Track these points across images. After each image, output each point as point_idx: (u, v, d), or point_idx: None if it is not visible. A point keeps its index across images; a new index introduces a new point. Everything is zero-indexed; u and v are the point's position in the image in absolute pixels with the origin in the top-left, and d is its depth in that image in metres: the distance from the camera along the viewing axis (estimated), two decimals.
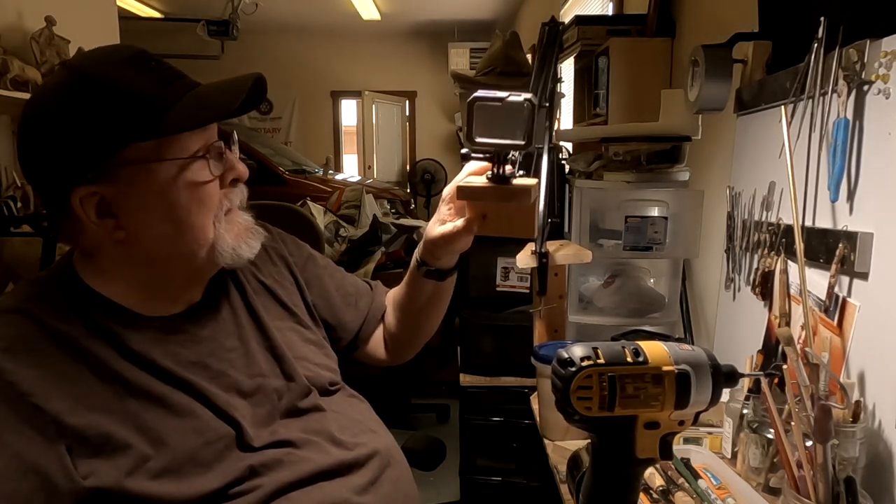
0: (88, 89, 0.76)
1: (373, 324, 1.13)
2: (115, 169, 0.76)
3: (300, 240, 1.11)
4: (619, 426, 0.64)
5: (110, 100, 0.75)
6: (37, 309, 0.77)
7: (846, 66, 0.97)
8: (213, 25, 5.49)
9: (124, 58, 0.78)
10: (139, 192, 0.78)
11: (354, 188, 4.08)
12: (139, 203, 0.78)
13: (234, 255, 0.85)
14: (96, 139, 0.75)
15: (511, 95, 0.80)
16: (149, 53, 0.81)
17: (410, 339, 1.14)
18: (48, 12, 2.56)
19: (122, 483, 0.72)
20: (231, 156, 0.86)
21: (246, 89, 0.78)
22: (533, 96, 0.79)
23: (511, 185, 0.83)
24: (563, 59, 2.42)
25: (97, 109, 0.75)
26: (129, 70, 0.77)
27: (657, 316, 1.77)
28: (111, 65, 0.77)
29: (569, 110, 2.95)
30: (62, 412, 0.71)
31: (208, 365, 0.84)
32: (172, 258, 0.83)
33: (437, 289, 1.05)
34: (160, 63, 0.81)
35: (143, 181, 0.78)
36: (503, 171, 0.83)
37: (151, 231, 0.80)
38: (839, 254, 0.99)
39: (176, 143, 0.78)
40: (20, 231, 2.16)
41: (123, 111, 0.75)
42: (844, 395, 0.88)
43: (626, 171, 1.75)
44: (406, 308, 1.10)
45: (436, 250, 0.99)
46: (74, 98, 0.76)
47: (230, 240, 0.85)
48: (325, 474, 0.84)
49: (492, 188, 0.84)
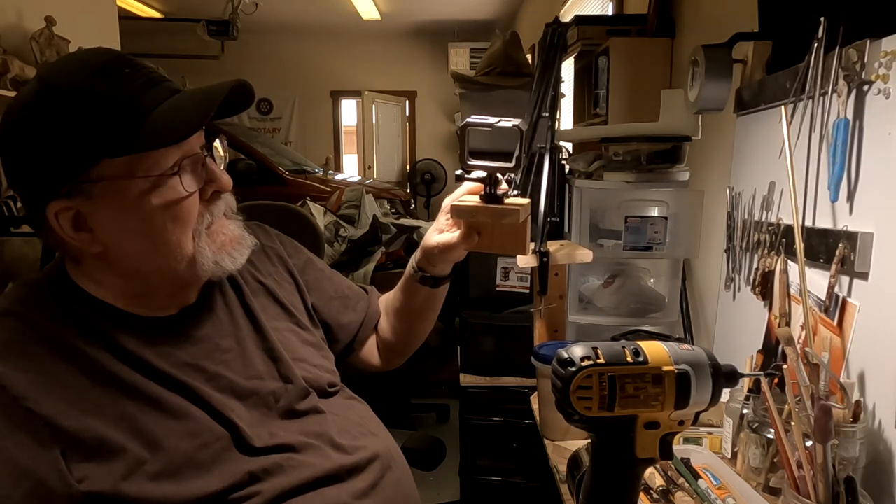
0: (56, 104, 0.73)
1: (369, 328, 1.13)
2: (88, 185, 0.74)
3: (300, 240, 1.11)
4: (619, 426, 0.64)
5: (78, 116, 0.72)
6: (29, 311, 0.77)
7: (846, 66, 0.97)
8: (213, 25, 5.49)
9: (95, 68, 0.74)
10: (113, 208, 0.76)
11: (354, 188, 4.07)
12: (113, 219, 0.77)
13: (217, 268, 0.83)
14: (66, 155, 0.73)
15: (501, 121, 0.85)
16: (124, 58, 0.77)
17: (403, 344, 1.14)
18: (48, 12, 2.56)
19: (118, 487, 0.71)
20: (213, 166, 0.82)
21: (221, 98, 0.75)
22: (522, 121, 0.85)
23: (502, 205, 0.88)
24: (563, 59, 2.42)
25: (65, 125, 0.72)
26: (100, 82, 0.73)
27: (657, 316, 1.77)
28: (81, 76, 0.74)
29: (569, 110, 2.95)
30: (56, 415, 0.71)
31: (204, 366, 0.83)
32: (152, 272, 0.81)
33: (430, 295, 1.07)
34: (136, 69, 0.76)
35: (115, 197, 0.75)
36: (495, 191, 0.88)
37: (127, 247, 0.79)
38: (839, 254, 0.99)
39: (148, 159, 0.75)
40: (20, 231, 2.17)
41: (91, 127, 0.72)
42: (844, 395, 0.88)
43: (626, 171, 1.75)
44: (400, 313, 1.11)
45: (432, 258, 1.01)
46: (43, 113, 0.73)
47: (211, 254, 0.82)
48: (325, 479, 0.83)
49: (483, 207, 0.88)
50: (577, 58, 2.57)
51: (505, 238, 0.91)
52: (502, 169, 0.88)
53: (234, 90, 0.77)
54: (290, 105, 7.91)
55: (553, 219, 1.39)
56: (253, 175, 5.28)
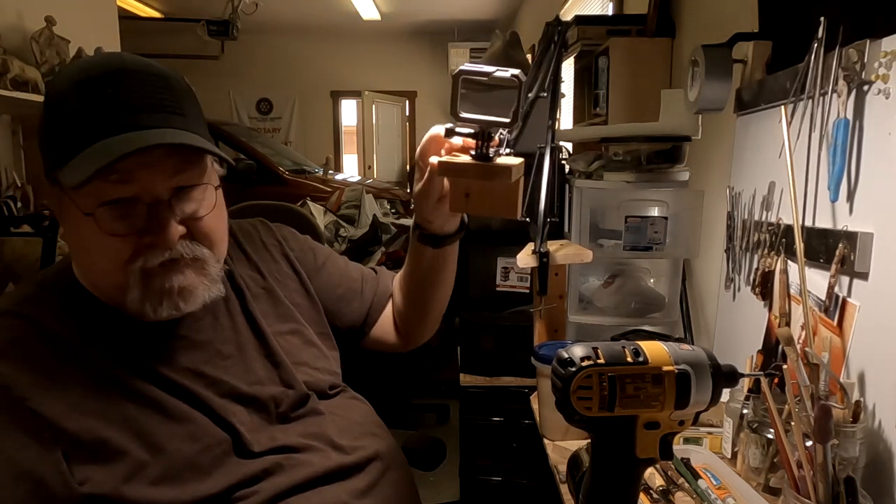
0: (47, 100, 0.79)
1: (379, 309, 1.10)
2: (57, 184, 0.77)
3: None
4: (619, 426, 0.64)
5: (51, 122, 0.77)
6: (33, 312, 0.77)
7: (846, 66, 0.97)
8: (213, 25, 5.49)
9: (85, 78, 0.75)
10: (65, 212, 0.79)
11: (354, 188, 4.08)
12: (66, 222, 0.80)
13: (149, 310, 0.78)
14: (47, 150, 0.78)
15: (498, 70, 0.77)
16: (121, 74, 0.75)
17: (418, 317, 1.09)
18: (48, 12, 2.56)
19: (119, 490, 0.71)
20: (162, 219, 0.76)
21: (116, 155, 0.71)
22: (521, 72, 0.76)
23: (493, 164, 0.80)
24: (563, 58, 2.42)
25: (46, 126, 0.78)
26: (76, 98, 0.74)
27: (657, 316, 1.77)
28: (68, 84, 0.76)
29: (569, 110, 2.95)
30: (58, 416, 0.71)
31: (204, 372, 0.83)
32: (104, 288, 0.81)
33: (435, 257, 1.00)
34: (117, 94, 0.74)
35: (65, 204, 0.78)
36: (486, 149, 0.80)
37: (78, 255, 0.82)
38: (839, 254, 0.99)
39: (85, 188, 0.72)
40: (20, 231, 2.16)
41: (53, 137, 0.77)
42: (844, 395, 0.88)
43: (626, 171, 1.75)
44: (409, 280, 1.06)
45: (423, 211, 0.93)
46: (44, 105, 0.79)
47: (139, 295, 0.77)
48: (324, 478, 0.83)
49: (473, 165, 0.81)
50: (577, 58, 2.57)
51: (496, 199, 0.83)
52: (498, 124, 0.79)
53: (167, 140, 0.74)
54: (290, 105, 7.92)
55: (553, 219, 1.38)
56: (253, 175, 5.28)
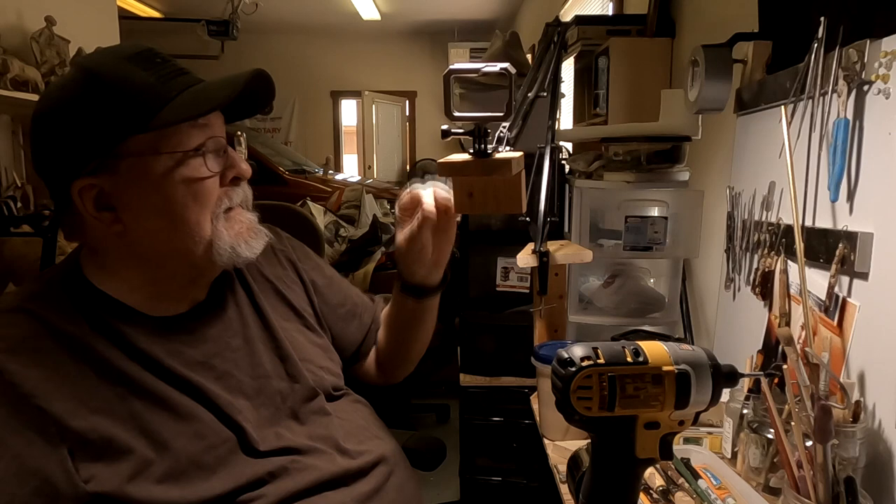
0: (90, 83, 0.77)
1: (373, 337, 1.13)
2: (114, 161, 0.77)
3: (300, 240, 1.12)
4: (619, 426, 0.64)
5: (110, 94, 0.76)
6: (41, 308, 0.77)
7: (846, 66, 0.97)
8: (213, 25, 5.49)
9: (129, 55, 0.79)
10: (136, 184, 0.78)
11: (354, 188, 4.08)
12: (136, 196, 0.79)
13: (233, 253, 0.84)
14: (96, 132, 0.76)
15: (487, 66, 0.79)
16: (155, 51, 0.81)
17: (397, 358, 1.13)
18: (48, 12, 2.57)
19: (124, 489, 0.71)
20: (234, 154, 0.85)
21: (243, 83, 0.79)
22: (510, 66, 0.78)
23: (493, 158, 0.81)
24: (563, 59, 2.42)
25: (97, 103, 0.76)
26: (132, 66, 0.78)
27: (657, 316, 1.77)
28: (114, 60, 0.78)
29: (569, 110, 2.95)
30: (65, 414, 0.71)
31: (214, 365, 0.84)
32: (170, 255, 0.82)
33: (417, 308, 1.05)
34: (166, 60, 0.81)
35: (140, 174, 0.78)
36: (485, 145, 0.82)
37: (147, 225, 0.80)
38: (839, 254, 0.99)
39: (174, 137, 0.78)
40: (20, 231, 2.17)
41: (122, 105, 0.76)
42: (844, 395, 0.88)
43: (626, 171, 1.75)
44: (391, 325, 1.11)
45: (406, 261, 0.99)
46: (77, 92, 0.77)
47: (228, 238, 0.83)
48: (329, 483, 0.83)
49: (472, 161, 0.82)
50: (577, 58, 2.57)
51: (499, 195, 0.85)
52: (492, 118, 0.81)
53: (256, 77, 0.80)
54: (290, 105, 7.91)
55: (553, 219, 1.38)
56: (253, 175, 5.27)
